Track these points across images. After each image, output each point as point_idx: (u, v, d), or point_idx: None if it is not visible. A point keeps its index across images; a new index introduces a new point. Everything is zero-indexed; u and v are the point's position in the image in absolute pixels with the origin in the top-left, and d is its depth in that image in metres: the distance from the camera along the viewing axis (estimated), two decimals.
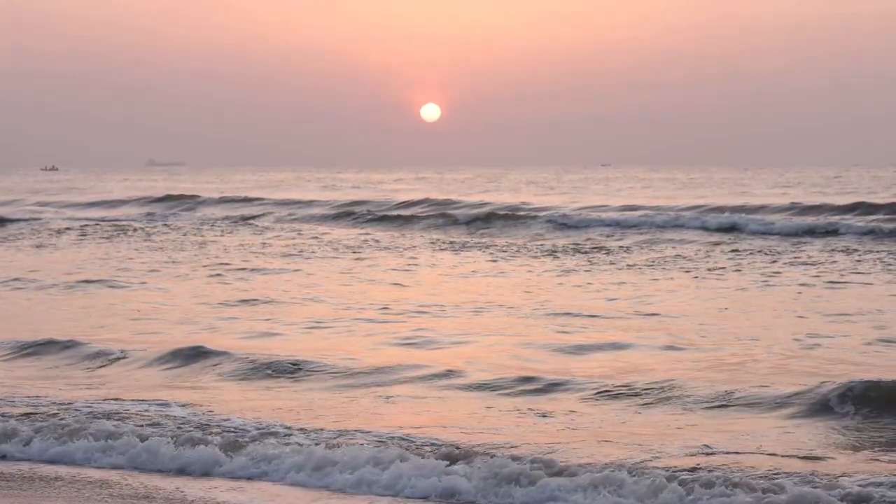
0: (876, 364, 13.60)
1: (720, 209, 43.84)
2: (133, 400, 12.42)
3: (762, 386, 12.24)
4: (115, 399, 12.48)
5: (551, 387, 12.68)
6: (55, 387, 13.44)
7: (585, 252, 30.79)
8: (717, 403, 11.74)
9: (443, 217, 44.29)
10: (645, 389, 12.38)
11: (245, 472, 9.67)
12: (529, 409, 11.81)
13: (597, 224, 40.17)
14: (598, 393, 12.38)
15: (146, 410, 11.81)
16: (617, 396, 12.24)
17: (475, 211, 45.93)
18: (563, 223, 40.77)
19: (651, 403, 11.93)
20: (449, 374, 13.49)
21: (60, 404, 12.16)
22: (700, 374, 13.18)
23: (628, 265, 26.87)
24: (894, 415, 11.11)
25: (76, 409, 11.83)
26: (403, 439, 10.35)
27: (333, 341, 16.18)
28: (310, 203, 56.34)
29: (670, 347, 15.10)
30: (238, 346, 15.55)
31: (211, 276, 25.56)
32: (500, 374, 13.35)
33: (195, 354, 14.87)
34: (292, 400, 12.51)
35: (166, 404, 12.15)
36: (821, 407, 11.40)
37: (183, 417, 11.44)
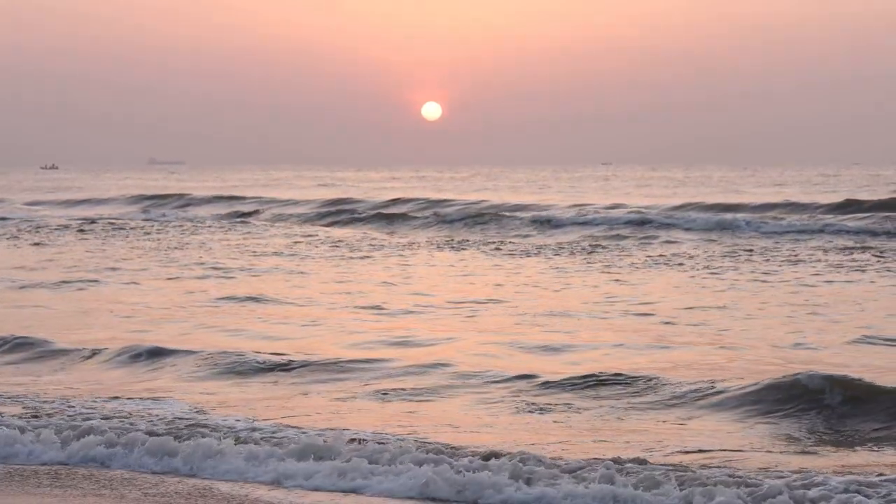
0: (867, 363, 13.61)
1: (714, 207, 43.93)
2: (129, 398, 12.39)
3: (753, 383, 12.22)
4: (115, 398, 12.42)
5: (544, 385, 12.67)
6: (44, 385, 13.39)
7: (578, 250, 30.77)
8: (709, 399, 11.78)
9: (435, 215, 44.31)
10: (635, 384, 12.43)
11: (243, 472, 9.54)
12: (521, 406, 11.82)
13: (591, 222, 40.15)
14: (591, 390, 12.38)
15: (147, 409, 11.76)
16: (610, 394, 12.25)
17: (468, 209, 46.06)
18: (557, 222, 40.75)
19: (644, 400, 11.94)
20: (441, 371, 13.48)
21: (50, 402, 12.10)
22: (693, 371, 13.19)
23: (621, 263, 26.85)
24: (877, 409, 11.17)
25: (71, 407, 11.77)
26: (400, 439, 10.27)
27: (323, 339, 16.18)
28: (304, 201, 56.35)
29: (663, 346, 15.12)
30: (231, 343, 15.56)
31: (201, 274, 25.49)
32: (492, 371, 13.34)
33: (186, 351, 14.86)
34: (284, 397, 12.49)
35: (166, 402, 12.15)
36: (807, 401, 11.46)
37: (180, 415, 11.40)
